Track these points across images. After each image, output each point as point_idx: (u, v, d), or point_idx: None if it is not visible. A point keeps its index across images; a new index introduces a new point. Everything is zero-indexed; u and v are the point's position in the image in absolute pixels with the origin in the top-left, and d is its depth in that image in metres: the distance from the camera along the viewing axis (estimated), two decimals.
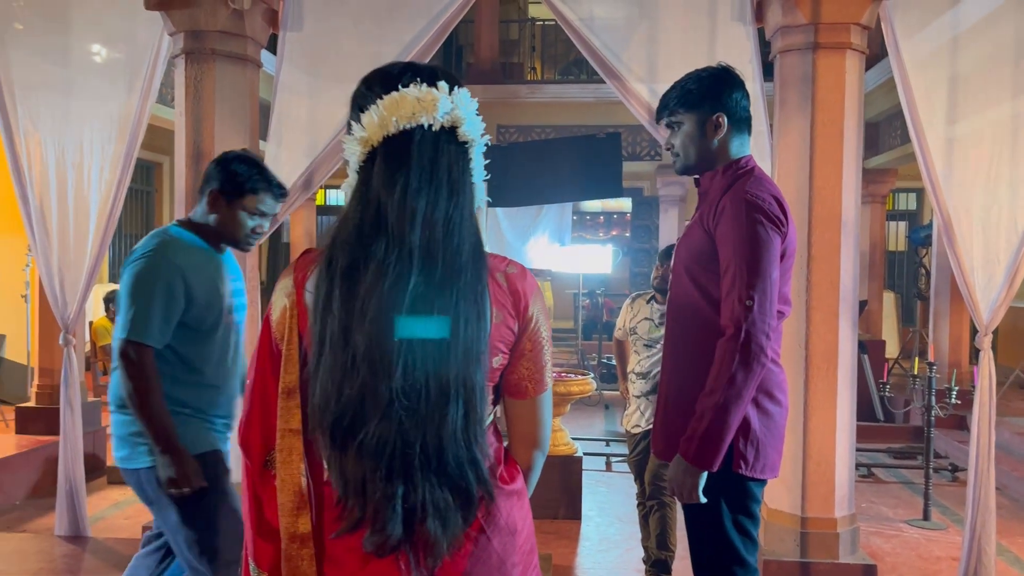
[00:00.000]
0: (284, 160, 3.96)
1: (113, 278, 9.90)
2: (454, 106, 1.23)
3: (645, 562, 3.75)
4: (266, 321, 1.31)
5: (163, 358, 2.31)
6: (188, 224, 2.48)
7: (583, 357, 10.00)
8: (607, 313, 11.80)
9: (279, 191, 2.51)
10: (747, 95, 2.17)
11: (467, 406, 1.18)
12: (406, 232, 1.17)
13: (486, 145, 1.29)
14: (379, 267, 1.17)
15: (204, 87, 3.64)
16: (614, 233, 13.92)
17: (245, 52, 3.72)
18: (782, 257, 2.03)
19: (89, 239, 4.08)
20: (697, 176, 2.22)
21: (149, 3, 3.58)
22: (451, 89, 1.24)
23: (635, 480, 3.82)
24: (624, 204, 13.48)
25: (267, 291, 8.17)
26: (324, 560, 1.26)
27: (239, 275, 2.61)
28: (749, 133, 2.18)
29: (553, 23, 11.42)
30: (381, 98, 1.22)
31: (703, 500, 2.01)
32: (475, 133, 1.26)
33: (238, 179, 2.42)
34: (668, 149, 2.23)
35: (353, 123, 1.25)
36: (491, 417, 1.34)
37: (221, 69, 3.65)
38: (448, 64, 11.56)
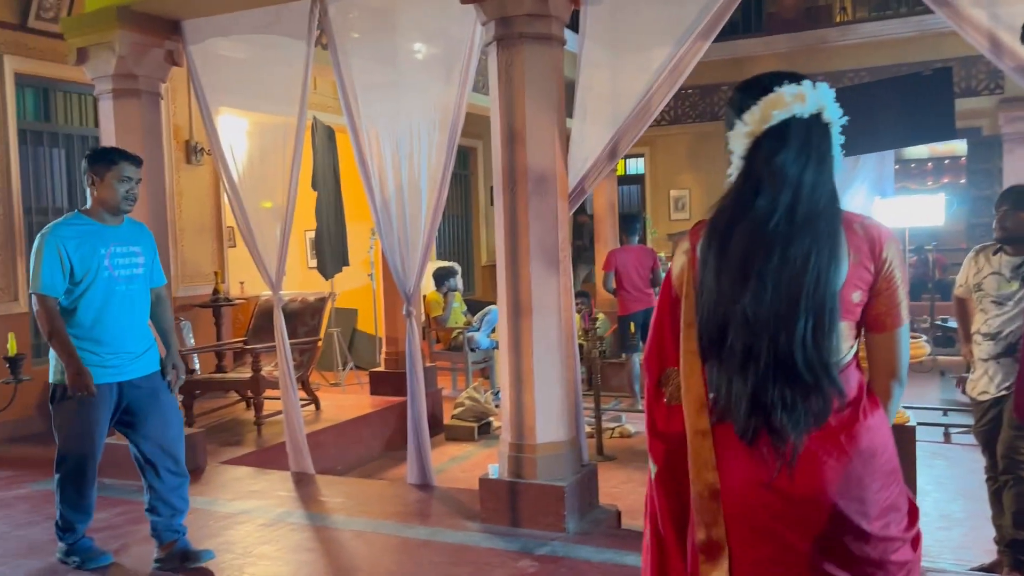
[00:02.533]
0: (589, 134, 4.08)
1: (440, 256, 10.90)
2: (818, 97, 1.56)
3: (998, 543, 3.37)
4: (668, 275, 1.71)
5: (62, 308, 3.33)
6: (81, 210, 3.48)
7: (912, 319, 9.11)
8: (939, 270, 10.62)
9: (133, 158, 3.46)
10: None
11: (816, 320, 1.47)
12: (777, 191, 1.52)
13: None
14: (751, 215, 1.52)
15: (514, 70, 3.85)
16: (945, 180, 12.42)
17: (550, 32, 3.86)
18: None
19: (422, 221, 4.52)
20: None
21: None
22: (813, 85, 1.57)
23: (983, 452, 3.44)
24: (957, 147, 11.97)
25: (573, 261, 8.33)
26: (716, 446, 1.59)
27: (136, 242, 3.53)
28: None
29: None
30: (757, 101, 1.56)
31: None
32: (835, 116, 1.59)
33: (98, 160, 3.40)
34: None
35: (737, 121, 1.59)
36: (852, 352, 1.58)
37: (529, 51, 3.83)
38: (747, 16, 11.06)
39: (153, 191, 4.92)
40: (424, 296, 8.39)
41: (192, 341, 7.27)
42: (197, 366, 6.96)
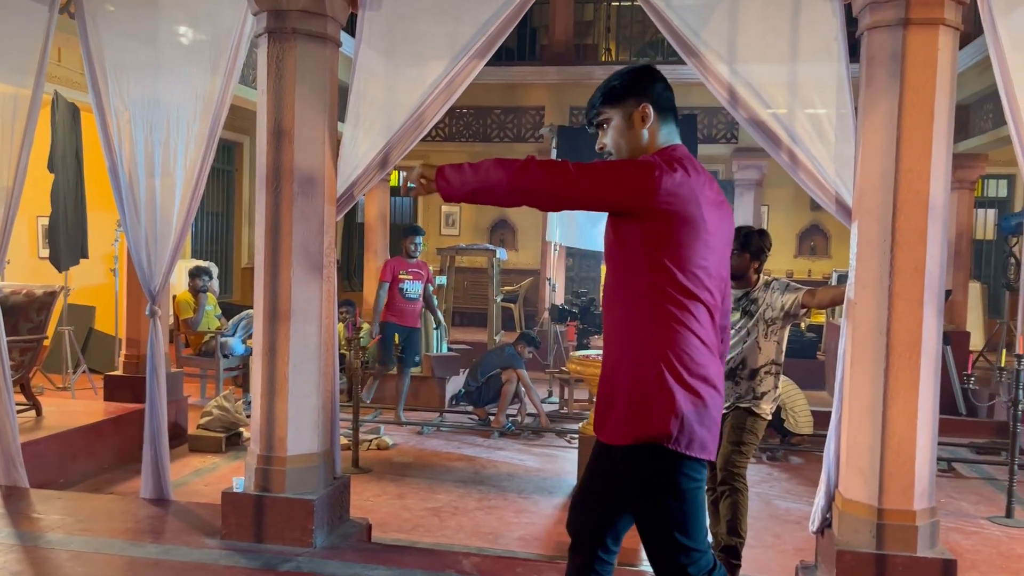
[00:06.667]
0: (360, 140, 4.01)
1: (196, 254, 10.23)
2: None
3: (713, 548, 3.71)
4: None
5: None
6: None
7: None
8: None
9: None
10: (669, 87, 2.21)
11: None
12: None
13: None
14: None
15: (285, 66, 3.70)
16: None
17: (325, 31, 3.76)
18: (685, 228, 2.06)
19: (174, 214, 4.21)
20: None
21: None
22: None
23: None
24: None
25: (342, 269, 8.24)
26: None
27: None
28: (676, 122, 2.23)
29: (629, 4, 11.26)
30: None
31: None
32: None
33: None
34: (600, 150, 2.26)
35: None
36: None
37: (302, 48, 3.71)
38: (522, 45, 11.51)
39: None
40: (173, 296, 7.84)
41: None
42: None
